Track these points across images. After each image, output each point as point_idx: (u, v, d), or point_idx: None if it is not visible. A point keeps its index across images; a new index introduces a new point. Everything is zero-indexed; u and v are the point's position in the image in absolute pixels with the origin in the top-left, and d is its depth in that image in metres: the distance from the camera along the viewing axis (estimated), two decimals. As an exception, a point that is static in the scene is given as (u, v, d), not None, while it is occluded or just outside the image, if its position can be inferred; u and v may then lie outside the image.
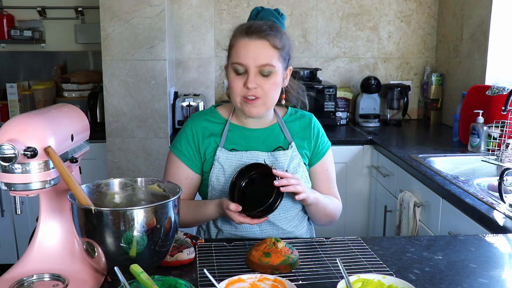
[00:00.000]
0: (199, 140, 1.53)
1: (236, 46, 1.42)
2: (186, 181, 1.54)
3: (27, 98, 3.33)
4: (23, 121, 1.06)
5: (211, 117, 1.56)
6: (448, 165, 2.43)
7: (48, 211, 1.19)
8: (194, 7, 3.25)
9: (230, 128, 1.53)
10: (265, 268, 1.19)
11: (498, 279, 1.20)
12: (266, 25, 1.42)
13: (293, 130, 1.57)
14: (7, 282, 1.11)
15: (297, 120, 1.59)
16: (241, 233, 1.52)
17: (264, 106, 1.45)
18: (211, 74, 3.36)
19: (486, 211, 1.68)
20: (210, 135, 1.53)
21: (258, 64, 1.39)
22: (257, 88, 1.40)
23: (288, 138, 1.54)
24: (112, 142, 2.95)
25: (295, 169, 1.52)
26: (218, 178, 1.50)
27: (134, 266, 1.02)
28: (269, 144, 1.53)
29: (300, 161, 1.53)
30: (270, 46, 1.40)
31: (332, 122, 3.32)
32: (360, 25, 3.64)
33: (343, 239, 1.40)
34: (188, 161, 1.53)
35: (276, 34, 1.41)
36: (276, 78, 1.43)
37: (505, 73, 2.90)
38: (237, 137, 1.53)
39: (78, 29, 3.54)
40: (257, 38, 1.39)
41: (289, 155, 1.51)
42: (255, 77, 1.40)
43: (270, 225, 1.52)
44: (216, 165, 1.49)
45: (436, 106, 3.51)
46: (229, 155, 1.49)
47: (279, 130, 1.56)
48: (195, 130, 1.53)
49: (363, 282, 1.08)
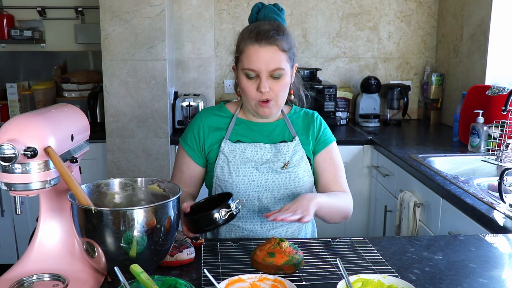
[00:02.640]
0: (204, 134, 1.58)
1: (246, 52, 1.46)
2: (188, 171, 1.60)
3: (27, 98, 3.33)
4: (23, 121, 1.06)
5: (219, 112, 1.63)
6: (448, 165, 2.43)
7: (48, 211, 1.19)
8: (194, 7, 3.25)
9: (237, 122, 1.60)
10: (269, 268, 1.19)
11: (498, 279, 1.20)
12: (272, 28, 1.47)
13: (298, 125, 1.61)
14: (7, 282, 1.11)
15: (301, 117, 1.64)
16: (243, 224, 1.55)
17: (276, 106, 1.52)
18: (211, 74, 3.36)
19: (486, 211, 1.68)
20: (216, 129, 1.59)
21: (269, 69, 1.45)
22: (269, 91, 1.47)
23: (293, 133, 1.59)
24: (112, 142, 2.95)
25: (298, 162, 1.54)
26: (223, 169, 1.53)
27: (134, 266, 1.02)
28: (273, 138, 1.58)
29: (304, 155, 1.56)
30: (279, 50, 1.46)
31: (332, 122, 3.32)
32: (360, 25, 3.64)
33: (349, 239, 1.40)
34: (192, 153, 1.59)
35: (283, 37, 1.47)
36: (286, 78, 1.49)
37: (505, 73, 2.90)
38: (242, 130, 1.58)
39: (78, 29, 3.54)
40: (267, 44, 1.44)
41: (292, 147, 1.55)
42: (267, 80, 1.46)
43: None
44: (220, 156, 1.54)
45: (436, 106, 3.51)
46: (234, 146, 1.54)
47: (284, 125, 1.60)
48: (202, 124, 1.60)
49: (363, 282, 1.08)
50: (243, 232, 1.55)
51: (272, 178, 1.52)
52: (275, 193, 1.53)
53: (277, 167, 1.52)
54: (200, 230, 1.31)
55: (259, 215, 1.54)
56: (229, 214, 1.28)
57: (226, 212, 1.27)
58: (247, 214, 1.54)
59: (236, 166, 1.52)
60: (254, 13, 1.57)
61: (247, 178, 1.52)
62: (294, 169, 1.53)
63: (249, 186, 1.52)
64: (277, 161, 1.53)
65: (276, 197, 1.53)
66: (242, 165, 1.52)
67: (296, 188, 1.54)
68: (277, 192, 1.53)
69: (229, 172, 1.52)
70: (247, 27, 1.52)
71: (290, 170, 1.53)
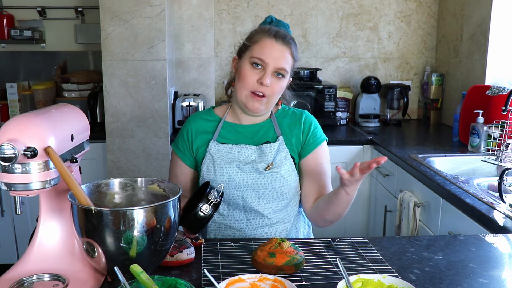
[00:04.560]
0: (193, 137, 1.62)
1: (261, 43, 1.50)
2: (181, 176, 1.65)
3: (27, 98, 3.33)
4: (23, 121, 1.06)
5: (207, 116, 1.66)
6: (448, 165, 2.43)
7: (48, 211, 1.19)
8: (194, 7, 3.25)
9: (224, 126, 1.62)
10: (269, 268, 1.19)
11: (498, 279, 1.20)
12: (289, 35, 1.55)
13: (283, 125, 1.62)
14: (7, 282, 1.11)
15: (287, 116, 1.65)
16: (229, 222, 1.58)
17: (267, 104, 1.54)
18: (211, 74, 3.36)
19: (486, 211, 1.68)
20: (204, 132, 1.62)
21: (277, 66, 1.49)
22: (267, 87, 1.49)
23: (277, 133, 1.60)
24: (112, 142, 2.95)
25: (281, 162, 1.55)
26: (208, 168, 1.56)
27: (134, 266, 1.02)
28: (257, 140, 1.60)
29: (287, 155, 1.57)
30: (290, 54, 1.52)
31: (332, 122, 3.32)
32: (360, 25, 3.64)
33: (350, 239, 1.40)
34: (183, 156, 1.63)
35: (295, 46, 1.55)
36: (285, 82, 1.54)
37: (505, 73, 2.90)
38: (228, 133, 1.61)
39: (78, 29, 3.54)
40: (283, 43, 1.51)
41: (275, 148, 1.57)
42: (270, 76, 1.49)
43: (255, 214, 1.56)
44: (207, 156, 1.57)
45: (436, 106, 3.51)
46: (220, 147, 1.57)
47: (269, 126, 1.62)
48: (190, 128, 1.63)
49: (363, 282, 1.08)
50: (230, 231, 1.58)
51: (256, 178, 1.54)
52: (258, 192, 1.54)
53: (260, 168, 1.53)
54: (195, 230, 1.34)
55: (244, 213, 1.57)
56: (212, 205, 1.32)
57: (208, 206, 1.32)
58: (233, 213, 1.57)
59: (221, 165, 1.55)
60: (267, 22, 1.62)
61: (230, 177, 1.54)
62: (277, 169, 1.54)
63: (232, 185, 1.54)
64: (260, 162, 1.54)
65: (260, 196, 1.54)
66: (226, 165, 1.54)
67: (280, 188, 1.55)
68: (260, 192, 1.54)
69: (214, 171, 1.55)
70: (265, 26, 1.58)
71: (273, 170, 1.54)
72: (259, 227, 1.57)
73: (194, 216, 1.31)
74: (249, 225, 1.57)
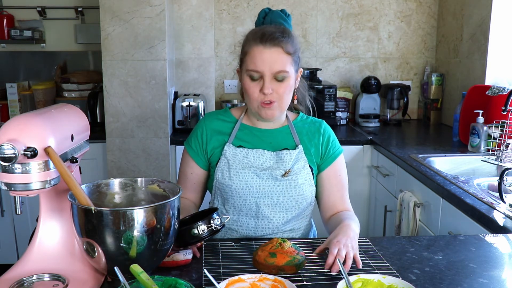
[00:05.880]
0: (207, 137, 1.58)
1: (251, 53, 1.45)
2: (191, 176, 1.61)
3: (27, 98, 3.32)
4: (23, 121, 1.06)
5: (223, 116, 1.62)
6: (448, 165, 2.43)
7: (48, 211, 1.19)
8: (194, 7, 3.25)
9: (240, 128, 1.59)
10: (270, 268, 1.19)
11: (498, 279, 1.20)
12: (278, 31, 1.46)
13: (302, 133, 1.59)
14: (7, 282, 1.11)
15: (306, 125, 1.61)
16: (237, 227, 1.55)
17: (279, 108, 1.49)
18: (211, 74, 3.36)
19: (486, 211, 1.68)
20: (219, 133, 1.58)
21: (273, 71, 1.44)
22: (272, 93, 1.45)
23: (296, 141, 1.56)
24: (112, 142, 2.95)
25: (299, 170, 1.52)
26: (223, 172, 1.53)
27: (134, 266, 1.02)
28: (275, 145, 1.56)
29: (306, 164, 1.54)
30: (283, 53, 1.44)
31: (332, 122, 3.32)
32: (360, 25, 3.64)
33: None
34: (195, 156, 1.60)
35: (288, 40, 1.46)
36: (289, 82, 1.47)
37: (505, 73, 2.90)
38: (245, 136, 1.57)
39: (78, 29, 3.54)
40: (271, 45, 1.43)
41: (294, 155, 1.53)
42: (270, 82, 1.45)
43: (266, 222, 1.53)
44: (222, 160, 1.54)
45: (436, 106, 3.51)
46: (236, 151, 1.54)
47: (287, 133, 1.58)
48: (205, 127, 1.59)
49: (363, 282, 1.08)
50: (236, 236, 1.55)
51: (272, 184, 1.51)
52: (273, 199, 1.51)
53: (277, 175, 1.50)
54: (181, 244, 1.28)
55: (254, 221, 1.53)
56: (210, 230, 1.27)
57: (206, 228, 1.27)
58: (243, 219, 1.54)
59: (237, 170, 1.51)
60: (260, 17, 1.57)
61: (246, 183, 1.50)
62: (295, 177, 1.51)
63: (248, 191, 1.51)
64: (278, 168, 1.51)
65: (275, 204, 1.52)
66: (242, 170, 1.51)
67: (296, 196, 1.52)
68: (276, 199, 1.51)
69: (229, 176, 1.52)
70: (253, 29, 1.52)
71: (290, 178, 1.51)
72: (266, 235, 1.54)
73: (188, 230, 1.26)
74: (257, 233, 1.54)
